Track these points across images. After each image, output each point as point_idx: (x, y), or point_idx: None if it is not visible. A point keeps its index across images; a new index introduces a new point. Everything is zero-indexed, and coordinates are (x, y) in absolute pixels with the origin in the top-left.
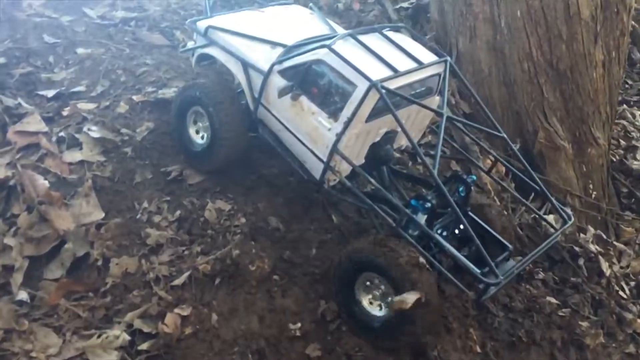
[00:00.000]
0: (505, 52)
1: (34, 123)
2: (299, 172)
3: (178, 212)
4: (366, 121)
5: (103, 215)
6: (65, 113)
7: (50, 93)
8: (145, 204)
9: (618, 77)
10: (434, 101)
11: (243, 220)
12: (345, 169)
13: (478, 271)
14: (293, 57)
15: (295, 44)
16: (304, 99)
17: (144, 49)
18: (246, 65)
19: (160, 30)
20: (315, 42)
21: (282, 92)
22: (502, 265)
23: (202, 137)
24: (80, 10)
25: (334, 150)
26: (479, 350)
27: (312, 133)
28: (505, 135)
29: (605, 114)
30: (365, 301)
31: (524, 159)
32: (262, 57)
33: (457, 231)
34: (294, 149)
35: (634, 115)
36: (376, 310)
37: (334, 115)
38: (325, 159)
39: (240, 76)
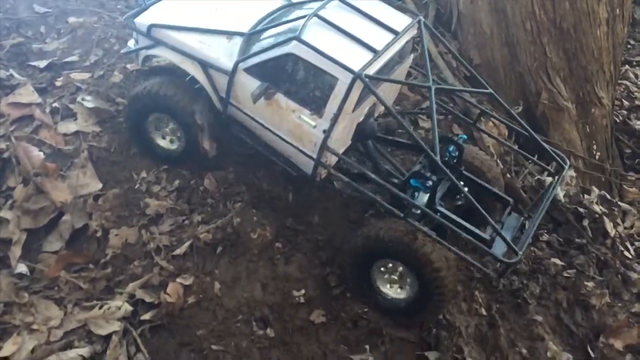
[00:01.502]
0: (507, 12)
1: (27, 94)
2: (286, 168)
3: (177, 182)
4: (352, 111)
5: (101, 186)
6: (58, 83)
7: (42, 64)
8: (144, 174)
9: (622, 35)
10: (409, 60)
11: (243, 188)
12: (334, 158)
13: (499, 255)
14: (259, 53)
15: (253, 31)
16: (280, 97)
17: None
18: (206, 66)
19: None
20: (274, 25)
21: (257, 97)
22: (507, 221)
23: (172, 141)
24: None
25: (324, 146)
26: (484, 312)
27: (295, 131)
28: (492, 91)
29: (609, 73)
30: (385, 288)
31: (527, 121)
32: (221, 53)
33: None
34: (276, 146)
35: (636, 76)
36: (398, 293)
37: (317, 111)
38: (314, 156)
39: (200, 77)
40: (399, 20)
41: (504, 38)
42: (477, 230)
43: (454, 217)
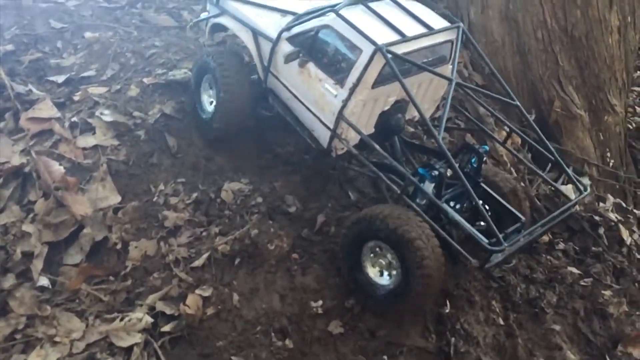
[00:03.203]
0: (518, 21)
1: (46, 109)
2: (307, 140)
3: (195, 194)
4: (373, 87)
5: (120, 199)
6: (76, 98)
7: (60, 78)
8: (162, 187)
9: (634, 42)
10: (447, 70)
11: (260, 199)
12: (353, 137)
13: (484, 239)
14: (300, 23)
15: (306, 12)
16: (311, 66)
17: (152, 30)
18: (256, 34)
19: (168, 11)
20: (323, 9)
21: (288, 58)
22: (513, 236)
23: (211, 104)
24: None
25: (340, 116)
26: (501, 322)
27: (319, 100)
28: (519, 104)
29: (622, 81)
30: (371, 270)
31: (540, 129)
32: (272, 24)
33: (469, 203)
34: (302, 118)
35: None
36: (383, 279)
37: (340, 81)
38: (332, 127)
39: (250, 45)
40: (439, 23)
41: (515, 47)
42: (475, 231)
43: (455, 214)
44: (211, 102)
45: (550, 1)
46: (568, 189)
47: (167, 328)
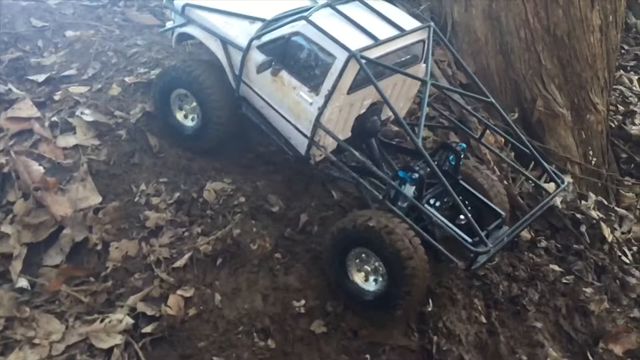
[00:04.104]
0: (501, 20)
1: (26, 108)
2: (284, 148)
3: (177, 194)
4: (348, 93)
5: (100, 199)
6: (57, 97)
7: (40, 78)
8: (143, 187)
9: (615, 41)
10: (420, 69)
11: (242, 199)
12: (330, 143)
13: (468, 240)
14: (271, 31)
15: (274, 18)
16: (284, 74)
17: (135, 29)
18: (225, 43)
19: (150, 9)
20: (294, 14)
21: (260, 68)
22: (494, 233)
23: (192, 119)
24: None
25: (317, 124)
26: (484, 320)
27: (294, 108)
28: (493, 101)
29: (604, 80)
30: (357, 276)
31: (523, 127)
32: (241, 32)
33: (450, 199)
34: (278, 126)
35: (631, 81)
36: (369, 285)
37: (315, 89)
38: (309, 134)
39: (220, 54)
40: (410, 23)
41: (498, 46)
42: (459, 232)
43: (438, 215)
44: (186, 116)
45: (532, 0)
46: (550, 187)
47: (148, 329)
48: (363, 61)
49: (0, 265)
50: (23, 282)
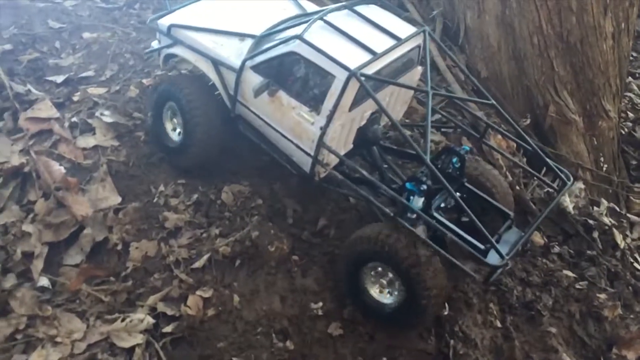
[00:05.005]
0: (514, 26)
1: (45, 109)
2: (287, 167)
3: (195, 196)
4: (349, 110)
5: (120, 199)
6: (75, 98)
7: (59, 78)
8: (162, 188)
9: (627, 48)
10: (417, 72)
11: (260, 201)
12: (334, 159)
13: (483, 258)
14: (264, 51)
15: (265, 34)
16: (282, 94)
17: (150, 31)
18: (217, 64)
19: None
20: (285, 29)
21: (258, 92)
22: (505, 235)
23: (179, 134)
24: None
25: (321, 144)
26: (499, 325)
27: (295, 128)
28: (494, 102)
29: (616, 86)
30: (373, 290)
31: (535, 134)
32: (232, 52)
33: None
34: (279, 144)
35: None
36: (386, 298)
37: (315, 108)
38: (312, 153)
39: (212, 75)
40: (404, 29)
41: (511, 52)
42: (471, 239)
43: (449, 224)
44: (174, 129)
45: (546, 7)
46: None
47: (168, 329)
48: (363, 78)
49: (22, 264)
50: (44, 281)
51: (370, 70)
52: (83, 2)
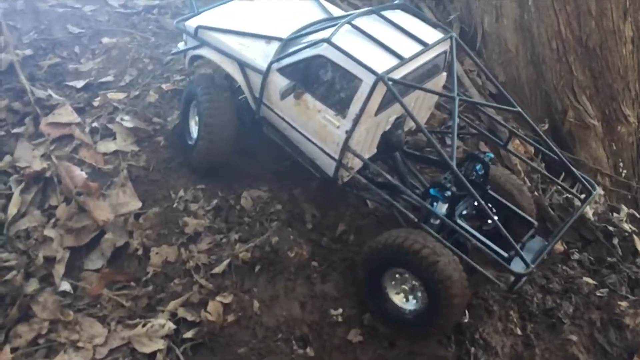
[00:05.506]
0: (533, 31)
1: (66, 114)
2: (311, 170)
3: (214, 201)
4: (375, 115)
5: (140, 204)
6: (95, 103)
7: (79, 84)
8: (182, 193)
9: None
10: (442, 78)
11: (279, 207)
12: (358, 163)
13: (508, 265)
14: (291, 54)
15: (291, 37)
16: (308, 97)
17: (169, 36)
18: (243, 65)
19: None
20: (312, 32)
21: (284, 94)
22: (529, 243)
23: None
24: None
25: (346, 148)
26: (519, 332)
27: (320, 131)
28: (520, 109)
29: (635, 91)
30: (394, 296)
31: (554, 139)
32: (259, 54)
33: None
34: (302, 147)
35: None
36: (408, 304)
37: (341, 112)
38: (336, 157)
39: (237, 77)
40: (431, 35)
41: (529, 56)
42: (495, 247)
43: (473, 231)
44: (195, 126)
45: (565, 11)
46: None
47: (188, 334)
48: (390, 83)
49: (44, 269)
50: (66, 286)
51: (397, 75)
52: (102, 7)
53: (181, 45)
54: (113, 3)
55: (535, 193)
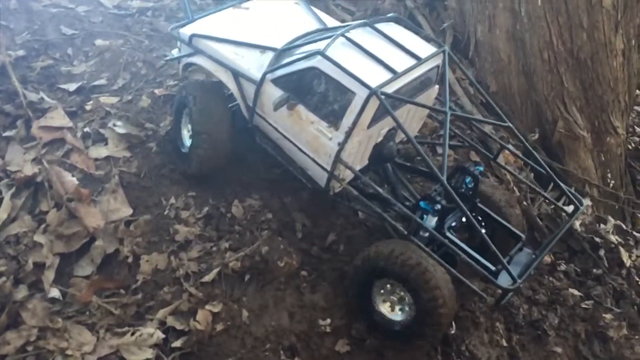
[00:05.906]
0: (525, 41)
1: (58, 118)
2: (302, 180)
3: (205, 209)
4: (368, 127)
5: (131, 211)
6: (88, 107)
7: (71, 87)
8: (173, 200)
9: (637, 65)
10: (434, 91)
11: (270, 215)
12: (349, 174)
13: (495, 280)
14: (285, 65)
15: (285, 47)
16: (301, 108)
17: (163, 40)
18: (237, 75)
19: (178, 20)
20: (306, 43)
21: (277, 105)
22: (517, 256)
23: (190, 139)
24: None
25: (338, 160)
26: (505, 344)
27: (312, 142)
28: (511, 125)
29: (624, 103)
30: (383, 307)
31: (543, 149)
32: (253, 64)
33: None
34: (294, 157)
35: None
36: (396, 315)
37: (334, 123)
38: (328, 168)
39: (231, 86)
40: (424, 48)
41: (521, 67)
42: (483, 260)
43: (461, 244)
44: (190, 136)
45: (557, 23)
46: (568, 209)
47: (177, 343)
48: (383, 97)
49: (33, 275)
50: (55, 292)
51: (390, 89)
52: (96, 8)
53: (175, 52)
54: (107, 4)
55: (524, 203)
